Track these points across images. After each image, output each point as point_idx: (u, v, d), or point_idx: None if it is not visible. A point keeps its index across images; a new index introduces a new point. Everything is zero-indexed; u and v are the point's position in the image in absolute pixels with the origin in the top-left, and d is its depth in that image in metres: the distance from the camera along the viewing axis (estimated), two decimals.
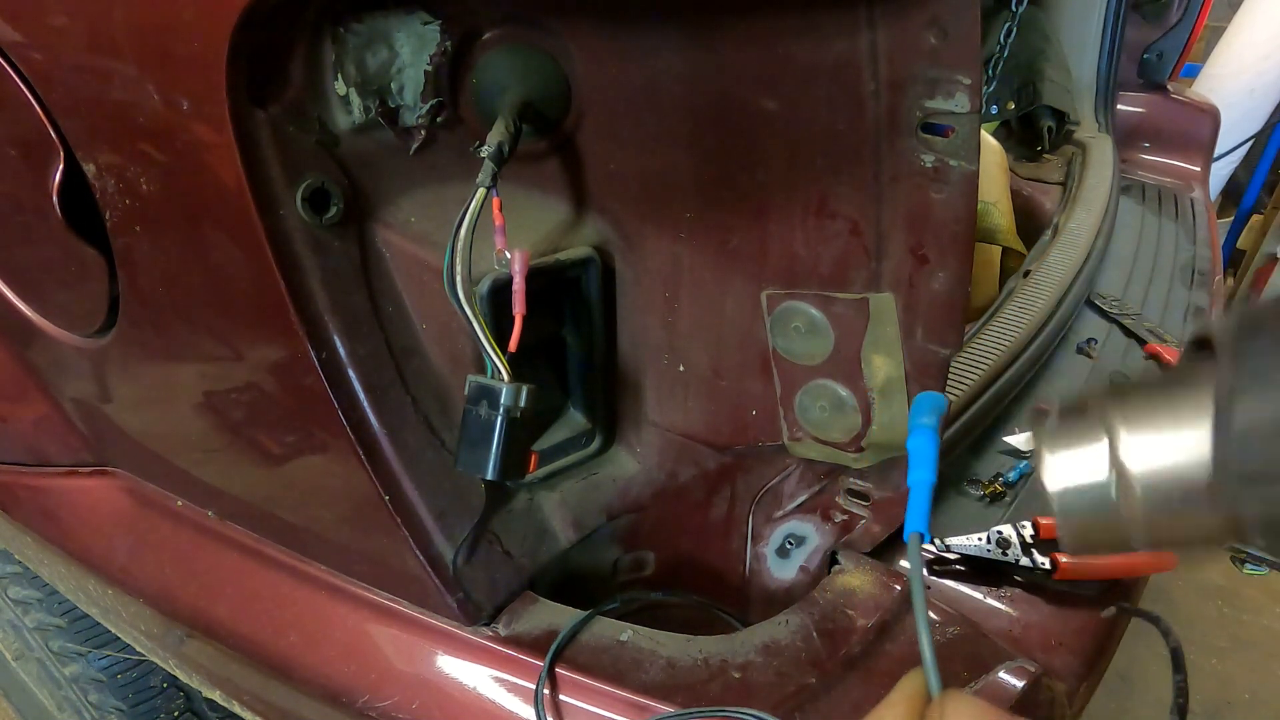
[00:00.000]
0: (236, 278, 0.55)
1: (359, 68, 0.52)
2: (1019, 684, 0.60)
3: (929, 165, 0.52)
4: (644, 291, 0.67)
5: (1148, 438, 0.31)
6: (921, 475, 0.50)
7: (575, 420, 0.74)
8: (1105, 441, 0.32)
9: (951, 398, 0.63)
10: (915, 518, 0.47)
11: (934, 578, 0.74)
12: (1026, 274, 1.25)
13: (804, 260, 0.59)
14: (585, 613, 0.65)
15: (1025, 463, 0.92)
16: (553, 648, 0.61)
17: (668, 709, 0.58)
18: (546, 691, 0.60)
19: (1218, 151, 2.12)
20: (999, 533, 0.75)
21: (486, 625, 0.64)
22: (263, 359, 0.59)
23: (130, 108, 0.52)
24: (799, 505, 0.74)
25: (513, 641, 0.63)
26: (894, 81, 0.50)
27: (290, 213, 0.51)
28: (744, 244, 0.61)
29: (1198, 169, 2.04)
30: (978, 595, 0.72)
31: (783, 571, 0.76)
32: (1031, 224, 1.64)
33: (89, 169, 0.58)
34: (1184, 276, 1.52)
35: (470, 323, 0.54)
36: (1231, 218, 3.18)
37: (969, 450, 0.92)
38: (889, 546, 0.74)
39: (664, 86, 0.55)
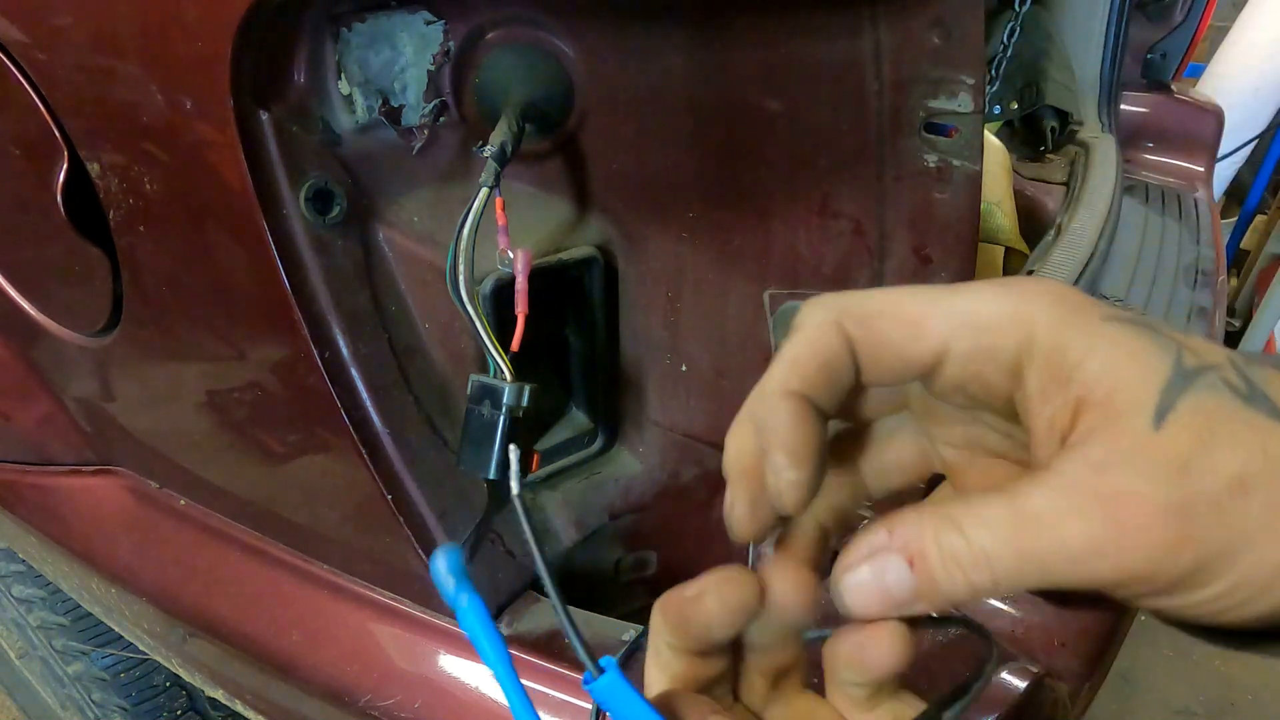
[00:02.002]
0: (239, 277, 0.55)
1: (362, 67, 0.52)
2: (1021, 685, 0.60)
3: (932, 165, 0.52)
4: (646, 291, 0.67)
5: None
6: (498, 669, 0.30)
7: (577, 420, 0.74)
8: None
9: None
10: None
11: None
12: (1029, 274, 1.25)
13: (807, 260, 0.59)
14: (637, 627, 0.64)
15: None
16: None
17: None
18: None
19: (1222, 151, 2.11)
20: None
21: None
22: (266, 358, 0.59)
23: (134, 107, 0.52)
24: None
25: (515, 641, 0.63)
26: (897, 81, 0.50)
27: (293, 212, 0.52)
28: (747, 244, 0.61)
29: (1201, 169, 2.03)
30: None
31: None
32: (1034, 224, 1.64)
33: (93, 168, 0.58)
34: (1187, 277, 1.52)
35: (473, 322, 0.54)
36: (1235, 218, 3.17)
37: None
38: None
39: (667, 86, 0.55)
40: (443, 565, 0.31)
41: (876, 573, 0.26)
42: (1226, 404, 0.23)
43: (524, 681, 0.64)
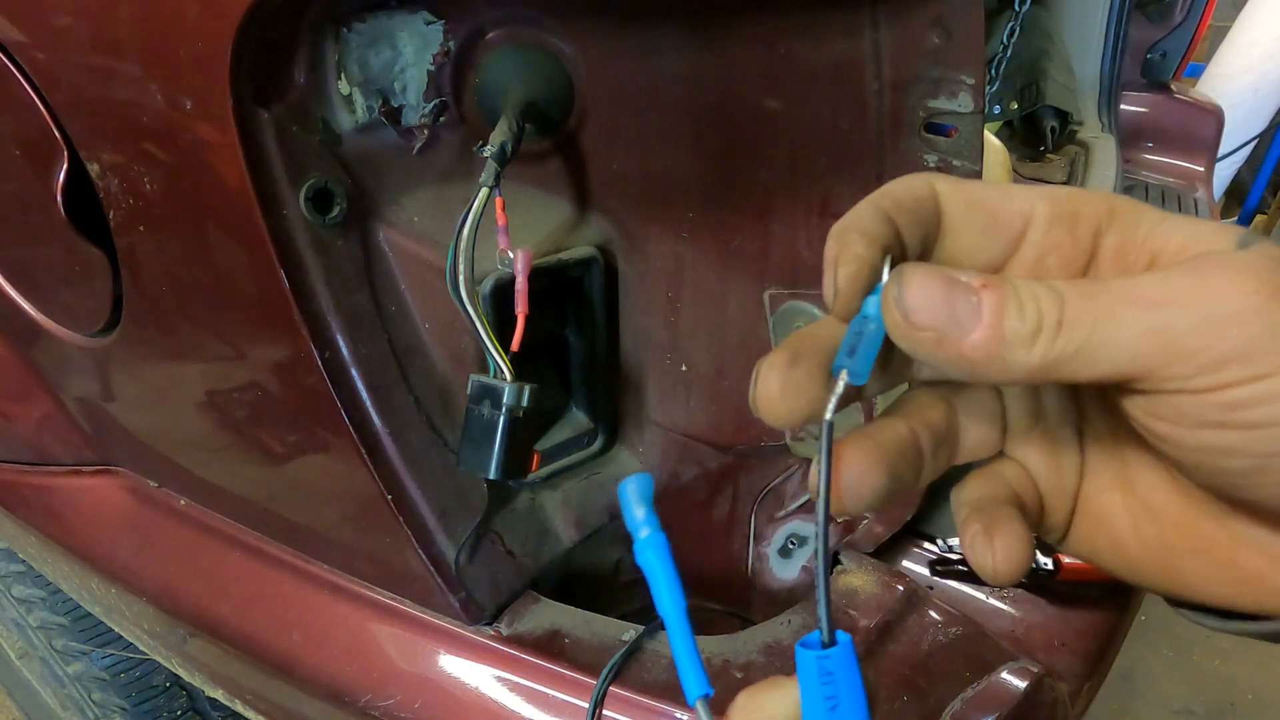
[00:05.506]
0: (239, 277, 0.55)
1: (362, 67, 0.52)
2: (1021, 685, 0.60)
3: (932, 165, 0.52)
4: (646, 291, 0.67)
5: None
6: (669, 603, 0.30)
7: (577, 420, 0.74)
8: None
9: None
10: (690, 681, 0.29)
11: (937, 578, 0.74)
12: None
13: (806, 260, 0.59)
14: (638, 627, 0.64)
15: None
16: (607, 668, 0.60)
17: (670, 709, 0.58)
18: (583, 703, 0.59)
19: (1221, 151, 2.11)
20: None
21: (489, 625, 0.64)
22: (265, 358, 0.59)
23: (134, 108, 0.52)
24: (801, 505, 0.74)
25: (515, 641, 0.63)
26: (897, 81, 0.50)
27: (293, 212, 0.52)
28: (746, 244, 0.61)
29: (1201, 169, 2.03)
30: (980, 596, 0.72)
31: (785, 572, 0.76)
32: None
33: (92, 169, 0.58)
34: None
35: (473, 322, 0.54)
36: (1235, 217, 3.17)
37: None
38: (891, 546, 0.74)
39: (667, 86, 0.55)
40: (633, 490, 0.30)
41: (949, 289, 0.25)
42: None
43: (524, 681, 0.64)
